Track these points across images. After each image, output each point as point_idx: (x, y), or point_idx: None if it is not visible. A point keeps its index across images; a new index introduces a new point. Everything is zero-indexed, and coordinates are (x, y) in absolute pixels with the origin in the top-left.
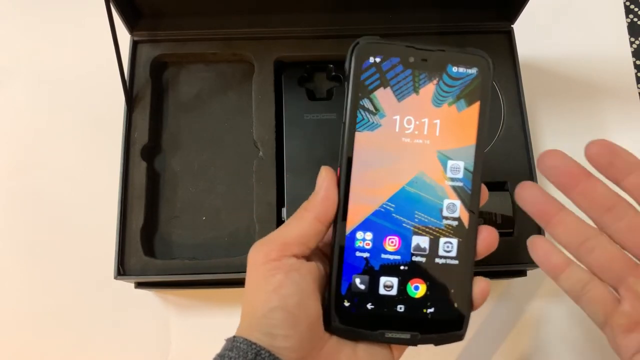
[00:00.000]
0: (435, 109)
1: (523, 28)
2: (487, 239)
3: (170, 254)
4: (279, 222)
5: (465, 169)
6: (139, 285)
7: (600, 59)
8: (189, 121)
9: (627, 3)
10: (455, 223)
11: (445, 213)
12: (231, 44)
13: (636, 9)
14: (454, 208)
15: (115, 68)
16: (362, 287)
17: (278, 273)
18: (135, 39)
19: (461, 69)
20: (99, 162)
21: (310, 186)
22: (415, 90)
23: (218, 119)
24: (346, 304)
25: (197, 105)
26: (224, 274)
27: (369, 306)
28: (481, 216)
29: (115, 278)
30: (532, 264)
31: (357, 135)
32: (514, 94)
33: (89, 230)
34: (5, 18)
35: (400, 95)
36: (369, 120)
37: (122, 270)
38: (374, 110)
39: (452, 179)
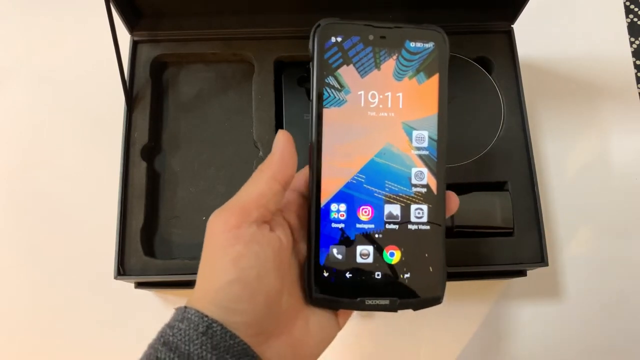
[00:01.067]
0: (397, 83)
1: (523, 28)
2: (451, 202)
3: (170, 254)
4: None
5: (430, 137)
6: (139, 285)
7: (600, 59)
8: (189, 121)
9: (627, 3)
10: (424, 190)
11: (414, 181)
12: (231, 44)
13: (636, 9)
14: (422, 175)
15: (115, 68)
16: (340, 257)
17: (237, 243)
18: (135, 39)
19: (418, 44)
20: (99, 162)
21: None
22: (377, 66)
23: (218, 119)
24: (325, 274)
25: (197, 105)
26: None
27: (348, 275)
28: (481, 215)
29: (115, 278)
30: (532, 264)
31: (325, 111)
32: (514, 94)
33: (89, 230)
34: (5, 18)
35: (363, 72)
36: (335, 97)
37: (122, 270)
38: (339, 87)
39: (418, 148)
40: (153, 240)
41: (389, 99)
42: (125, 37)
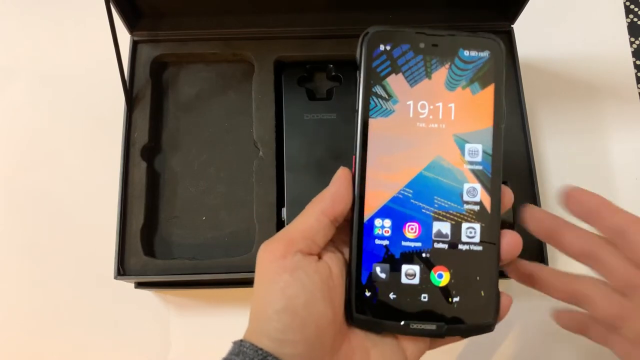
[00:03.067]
0: (449, 93)
1: (523, 28)
2: (513, 242)
3: (170, 254)
4: (279, 222)
5: (484, 151)
6: (139, 285)
7: (600, 59)
8: (189, 121)
9: (627, 3)
10: (477, 207)
11: (465, 197)
12: (231, 44)
13: (636, 9)
14: (475, 192)
15: (115, 68)
16: (383, 275)
17: (284, 272)
18: (135, 39)
19: (473, 53)
20: (99, 162)
21: (311, 186)
22: (428, 75)
23: (218, 119)
24: (367, 293)
25: (197, 105)
26: (224, 274)
27: (392, 296)
28: None
29: (115, 278)
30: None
31: (371, 121)
32: (514, 94)
33: (89, 230)
34: (6, 18)
35: (412, 81)
36: (382, 107)
37: (122, 270)
38: (386, 97)
39: (471, 162)
40: (153, 240)
41: (440, 109)
42: (125, 37)
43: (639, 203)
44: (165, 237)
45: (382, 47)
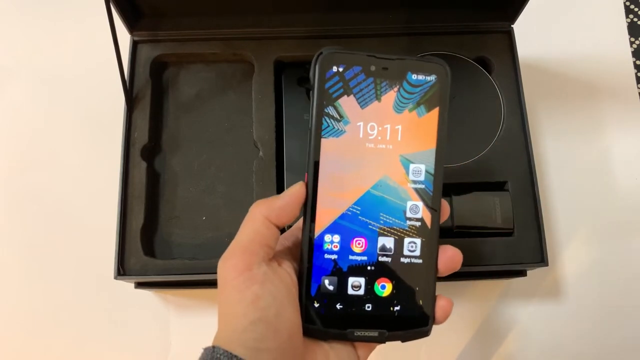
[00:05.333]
0: (397, 115)
1: (523, 28)
2: (452, 258)
3: (170, 254)
4: None
5: (427, 171)
6: (139, 285)
7: (600, 59)
8: (189, 121)
9: (627, 3)
10: (418, 224)
11: (408, 214)
12: (231, 44)
13: (636, 9)
14: (417, 209)
15: (115, 68)
16: (331, 288)
17: (253, 284)
18: (135, 39)
19: (420, 77)
20: (99, 162)
21: None
22: (377, 97)
23: (218, 119)
24: (316, 305)
25: (197, 105)
26: None
27: (338, 306)
28: (481, 215)
29: (115, 278)
30: (532, 264)
31: (323, 141)
32: (514, 94)
33: (89, 230)
34: (5, 17)
35: (363, 103)
36: (334, 127)
37: (122, 270)
38: (338, 117)
39: (415, 182)
40: (153, 240)
41: (387, 131)
42: (125, 37)
43: (639, 203)
44: (165, 237)
45: (335, 69)
